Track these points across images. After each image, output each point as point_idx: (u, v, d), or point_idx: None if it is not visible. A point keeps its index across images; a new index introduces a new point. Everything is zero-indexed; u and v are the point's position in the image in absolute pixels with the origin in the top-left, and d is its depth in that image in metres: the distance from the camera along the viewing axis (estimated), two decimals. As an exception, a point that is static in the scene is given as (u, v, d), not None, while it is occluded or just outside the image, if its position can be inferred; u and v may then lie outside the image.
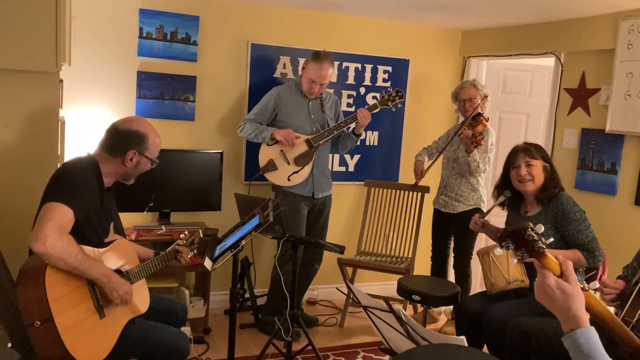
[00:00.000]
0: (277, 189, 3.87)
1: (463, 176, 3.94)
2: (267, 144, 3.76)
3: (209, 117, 4.11)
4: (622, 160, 3.53)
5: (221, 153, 4.04)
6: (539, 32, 4.09)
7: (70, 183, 2.16)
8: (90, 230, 2.24)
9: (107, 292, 2.16)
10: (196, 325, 3.75)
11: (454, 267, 4.10)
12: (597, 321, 1.61)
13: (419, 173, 4.02)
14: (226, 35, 4.08)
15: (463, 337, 1.51)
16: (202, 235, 2.81)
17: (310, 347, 3.37)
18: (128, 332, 2.28)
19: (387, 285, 4.60)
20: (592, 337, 1.40)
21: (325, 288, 4.54)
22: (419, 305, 4.28)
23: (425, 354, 1.24)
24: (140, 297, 2.42)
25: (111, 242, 2.38)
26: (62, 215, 2.06)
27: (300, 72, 3.86)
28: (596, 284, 1.56)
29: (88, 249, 2.18)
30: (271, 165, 3.76)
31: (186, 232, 2.83)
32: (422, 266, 4.37)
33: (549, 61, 4.20)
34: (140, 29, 3.83)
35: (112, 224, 2.51)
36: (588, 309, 1.52)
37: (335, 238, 4.49)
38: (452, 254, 4.16)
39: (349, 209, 4.70)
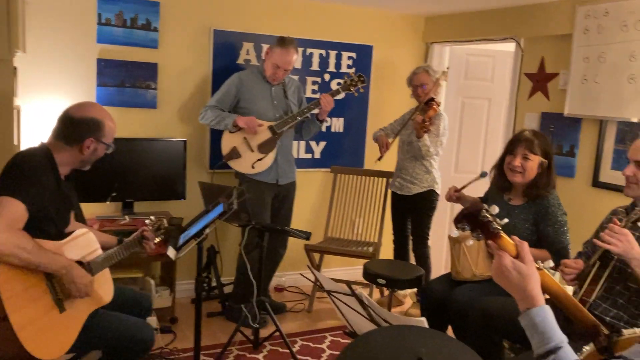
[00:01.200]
0: (241, 177, 3.85)
1: (417, 159, 4.01)
2: (230, 132, 3.73)
3: (172, 105, 4.05)
4: (580, 143, 3.62)
5: (184, 141, 3.99)
6: (499, 17, 4.14)
7: (22, 176, 2.10)
8: (47, 222, 2.19)
9: (67, 284, 2.12)
10: (163, 315, 3.72)
11: (413, 250, 4.17)
12: (552, 299, 1.66)
13: (384, 145, 4.03)
14: (188, 22, 4.02)
15: (424, 319, 1.54)
16: (166, 225, 2.78)
17: (278, 334, 3.39)
18: (91, 324, 2.25)
19: (354, 270, 4.63)
20: (547, 315, 1.44)
21: (292, 274, 4.56)
22: (385, 288, 4.33)
23: (384, 335, 1.26)
24: (104, 288, 2.39)
25: (72, 232, 2.34)
26: (13, 210, 2.01)
27: (263, 58, 3.82)
28: (550, 262, 1.59)
29: (47, 242, 2.13)
30: (234, 153, 3.73)
31: (152, 217, 2.78)
32: (389, 250, 4.43)
33: (510, 46, 4.26)
34: (99, 15, 3.74)
35: (72, 214, 2.46)
36: (543, 287, 1.55)
37: (302, 224, 4.50)
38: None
39: (316, 195, 4.71)
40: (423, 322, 1.52)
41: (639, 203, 2.23)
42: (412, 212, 4.13)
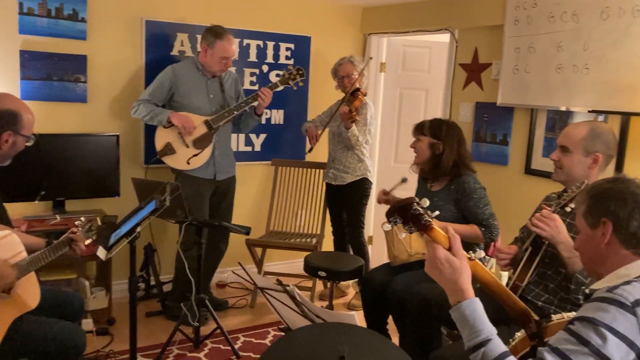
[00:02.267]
0: (177, 172, 3.74)
1: (349, 149, 4.04)
2: (164, 127, 3.62)
3: (103, 99, 3.90)
4: (513, 131, 3.71)
5: (117, 136, 3.85)
6: (434, 8, 4.19)
7: None
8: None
9: None
10: (99, 317, 3.60)
11: (349, 239, 4.20)
12: (484, 288, 1.68)
13: (314, 137, 4.08)
14: (118, 12, 3.87)
15: (354, 314, 1.53)
16: (100, 223, 2.67)
17: (219, 331, 3.33)
18: (15, 331, 2.13)
19: (298, 262, 4.61)
20: (476, 308, 1.46)
21: (235, 270, 4.49)
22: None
23: (308, 334, 1.23)
24: (29, 293, 2.27)
25: (-6, 235, 2.21)
26: None
27: (201, 52, 3.69)
28: (481, 253, 1.62)
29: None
30: (169, 149, 3.61)
31: (82, 218, 2.66)
32: (332, 242, 4.43)
33: (445, 37, 4.32)
34: (20, 4, 3.54)
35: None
36: (475, 277, 1.57)
37: (243, 219, 4.44)
38: None
39: (257, 189, 4.65)
40: (353, 317, 1.51)
41: (568, 189, 2.30)
42: (346, 202, 4.15)
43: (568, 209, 2.20)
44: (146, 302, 4.00)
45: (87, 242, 2.54)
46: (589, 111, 3.17)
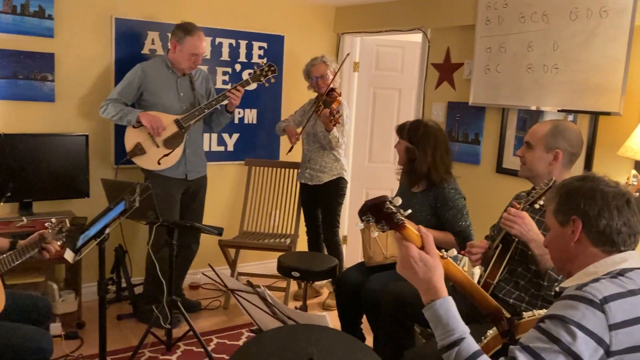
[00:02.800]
0: (148, 172, 3.68)
1: (325, 149, 4.03)
2: (133, 127, 3.55)
3: (72, 98, 3.82)
4: (484, 131, 3.74)
5: (86, 136, 3.77)
6: (407, 8, 4.20)
7: None
8: None
9: None
10: (68, 320, 3.54)
11: (324, 239, 4.19)
12: (457, 287, 1.69)
13: (294, 135, 4.02)
14: (86, 9, 3.79)
15: (325, 314, 1.52)
16: (69, 225, 2.60)
17: (192, 333, 3.29)
18: (-22, 337, 2.07)
19: (272, 263, 4.58)
20: (450, 307, 1.46)
21: (208, 271, 4.44)
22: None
23: (277, 336, 1.22)
24: (-7, 297, 2.21)
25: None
26: None
27: (170, 49, 3.65)
28: (454, 251, 1.61)
29: None
30: (139, 149, 3.55)
31: (53, 220, 2.59)
32: (307, 242, 4.41)
33: (417, 37, 4.34)
34: (-16, 1, 3.46)
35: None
36: (447, 275, 1.57)
37: (216, 219, 4.40)
38: None
39: (230, 189, 4.61)
40: (325, 318, 1.50)
41: (537, 186, 2.32)
42: (322, 201, 4.14)
43: (537, 206, 2.22)
44: (117, 305, 3.93)
45: (58, 244, 2.48)
46: (559, 110, 3.21)
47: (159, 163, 3.56)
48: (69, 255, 2.33)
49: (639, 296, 1.38)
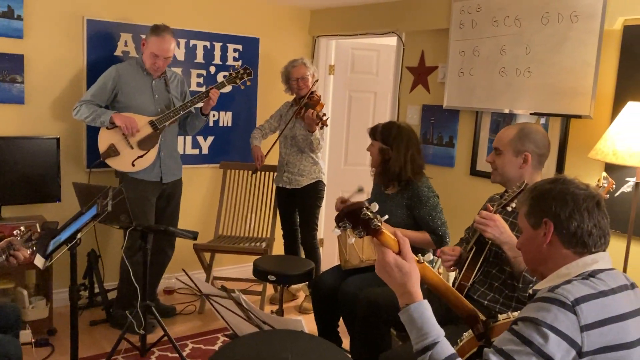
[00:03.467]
0: (121, 175, 3.63)
1: (303, 152, 4.03)
2: (107, 128, 3.50)
3: (42, 100, 3.74)
4: (458, 133, 3.77)
5: (57, 139, 3.70)
6: (382, 12, 4.22)
7: None
8: None
9: None
10: (39, 327, 3.46)
11: (302, 242, 4.18)
12: (433, 290, 1.69)
13: (259, 158, 4.05)
14: (57, 10, 3.72)
15: (301, 319, 1.51)
16: (39, 230, 2.54)
17: (167, 338, 3.25)
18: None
19: (248, 267, 4.55)
20: (424, 310, 1.47)
21: (183, 276, 4.39)
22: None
23: (251, 342, 1.21)
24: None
25: None
26: None
27: (141, 49, 3.62)
28: (430, 255, 1.62)
29: None
30: (112, 151, 3.50)
31: (22, 227, 2.53)
32: (283, 245, 4.39)
33: (392, 40, 4.36)
34: (-49, 1, 3.37)
35: None
36: (424, 280, 1.58)
37: (191, 223, 4.36)
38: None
39: (205, 192, 4.57)
40: (300, 322, 1.49)
41: (509, 189, 2.35)
42: (301, 204, 4.13)
43: (509, 209, 2.25)
44: (90, 310, 3.87)
45: (28, 252, 2.42)
46: (531, 113, 3.26)
47: (133, 165, 3.51)
48: (39, 261, 2.28)
49: (609, 297, 1.40)
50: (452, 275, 3.06)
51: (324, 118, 3.76)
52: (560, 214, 1.51)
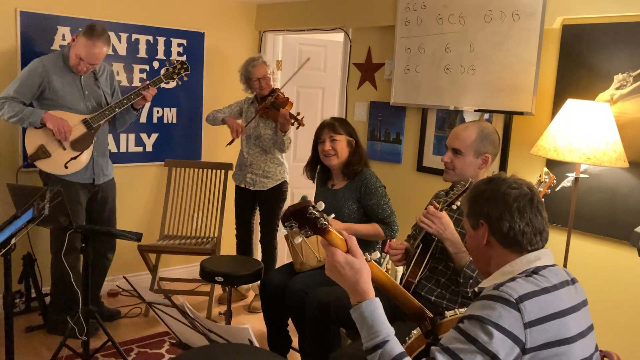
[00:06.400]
0: (47, 177, 3.40)
1: (267, 152, 3.95)
2: (35, 127, 3.28)
3: (-28, 97, 3.54)
4: (405, 130, 3.80)
5: (-12, 137, 3.52)
6: (328, 7, 4.20)
7: None
8: None
9: None
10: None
11: (261, 241, 4.11)
12: (380, 289, 1.69)
13: (238, 128, 3.82)
14: (-13, 1, 3.54)
15: (248, 327, 1.48)
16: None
17: (111, 343, 3.14)
18: None
19: (196, 266, 4.46)
20: (375, 308, 1.46)
21: (120, 284, 4.26)
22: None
23: (197, 356, 1.16)
24: None
25: None
26: None
27: (70, 43, 3.38)
28: (377, 254, 1.62)
29: None
30: (43, 152, 3.28)
31: None
32: (230, 245, 4.32)
33: (339, 37, 4.35)
34: None
35: None
36: (372, 279, 1.57)
37: (135, 224, 4.23)
38: (257, 229, 4.16)
39: (149, 191, 4.45)
40: (247, 330, 1.45)
41: (455, 187, 2.37)
42: (264, 205, 4.03)
43: (454, 207, 2.28)
44: (26, 316, 3.70)
45: None
46: (475, 110, 3.31)
47: (66, 167, 3.33)
48: (-32, 268, 2.15)
49: (552, 293, 1.43)
50: (400, 271, 3.08)
51: (300, 117, 3.70)
52: (492, 215, 1.54)
